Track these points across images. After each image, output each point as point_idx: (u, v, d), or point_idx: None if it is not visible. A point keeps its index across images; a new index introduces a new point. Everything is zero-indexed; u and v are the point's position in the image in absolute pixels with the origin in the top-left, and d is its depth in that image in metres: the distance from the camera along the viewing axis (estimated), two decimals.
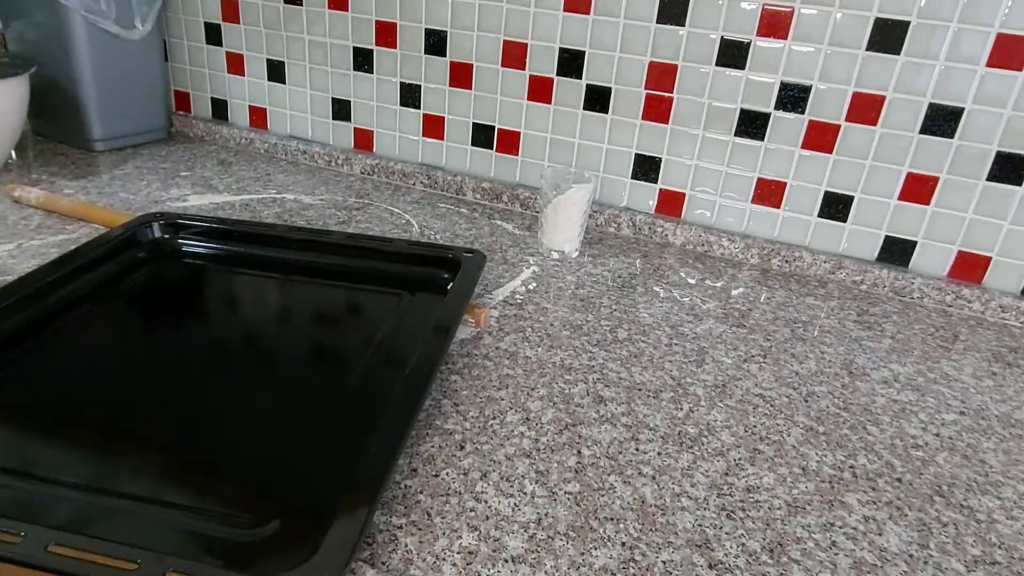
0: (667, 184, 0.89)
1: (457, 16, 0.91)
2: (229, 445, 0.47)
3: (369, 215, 0.87)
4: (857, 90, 0.77)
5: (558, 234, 0.79)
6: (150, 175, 0.93)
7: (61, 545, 0.35)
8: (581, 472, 0.48)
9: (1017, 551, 0.45)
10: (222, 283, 0.68)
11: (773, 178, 0.84)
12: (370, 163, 1.01)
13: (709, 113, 0.83)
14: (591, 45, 0.86)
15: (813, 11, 0.75)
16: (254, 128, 1.10)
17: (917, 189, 0.78)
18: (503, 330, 0.64)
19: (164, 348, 0.57)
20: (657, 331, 0.67)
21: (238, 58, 1.07)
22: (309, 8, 0.98)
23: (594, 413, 0.54)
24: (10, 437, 0.46)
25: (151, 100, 1.05)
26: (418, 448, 0.48)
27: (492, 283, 0.73)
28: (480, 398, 0.54)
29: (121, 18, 0.95)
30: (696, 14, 0.80)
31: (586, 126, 0.90)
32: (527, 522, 0.43)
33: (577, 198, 0.77)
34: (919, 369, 0.66)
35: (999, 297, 0.77)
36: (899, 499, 0.48)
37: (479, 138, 0.96)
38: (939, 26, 0.72)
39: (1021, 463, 0.54)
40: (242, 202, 0.88)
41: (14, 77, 0.83)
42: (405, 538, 0.41)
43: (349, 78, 1.00)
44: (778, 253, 0.84)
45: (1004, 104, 0.72)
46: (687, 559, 0.42)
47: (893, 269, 0.81)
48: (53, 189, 0.85)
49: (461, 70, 0.93)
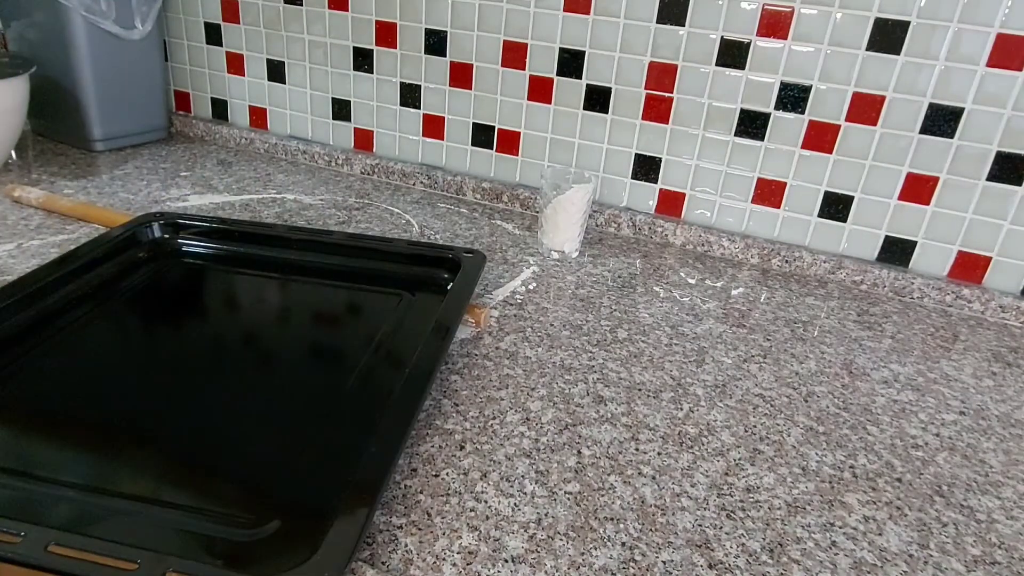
0: (667, 184, 0.89)
1: (457, 16, 0.91)
2: (229, 445, 0.47)
3: (369, 215, 0.88)
4: (857, 90, 0.77)
5: (558, 234, 0.79)
6: (150, 175, 0.93)
7: (61, 545, 0.35)
8: (581, 472, 0.48)
9: (1017, 551, 0.45)
10: (222, 283, 0.68)
11: (773, 178, 0.84)
12: (370, 163, 1.01)
13: (709, 113, 0.83)
14: (591, 45, 0.86)
15: (813, 11, 0.75)
16: (254, 128, 1.10)
17: (917, 189, 0.78)
18: (503, 330, 0.64)
19: (164, 348, 0.57)
20: (657, 331, 0.67)
21: (238, 58, 1.07)
22: (309, 8, 0.98)
23: (594, 413, 0.54)
24: (10, 437, 0.46)
25: (151, 100, 1.05)
26: (418, 448, 0.48)
27: (492, 283, 0.73)
28: (480, 398, 0.54)
29: (121, 18, 0.95)
30: (696, 14, 0.80)
31: (586, 126, 0.90)
32: (527, 522, 0.43)
33: (577, 198, 0.77)
34: (919, 369, 0.66)
35: (999, 297, 0.77)
36: (899, 499, 0.48)
37: (479, 138, 0.96)
38: (939, 26, 0.72)
39: (1021, 463, 0.54)
40: (242, 202, 0.88)
41: (14, 77, 0.83)
42: (405, 538, 0.41)
43: (349, 78, 1.00)
44: (778, 253, 0.84)
45: (1004, 104, 0.72)
46: (687, 559, 0.42)
47: (893, 269, 0.81)
48: (53, 189, 0.85)
49: (461, 70, 0.93)
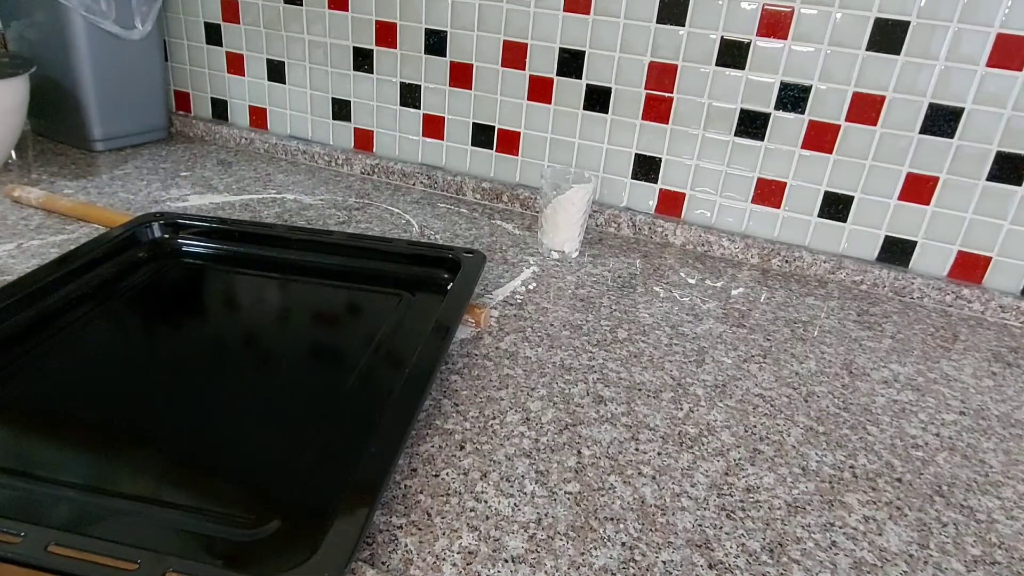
0: (667, 184, 0.89)
1: (457, 16, 0.91)
2: (229, 445, 0.47)
3: (369, 215, 0.88)
4: (857, 90, 0.77)
5: (558, 234, 0.79)
6: (150, 175, 0.93)
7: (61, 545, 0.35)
8: (581, 472, 0.48)
9: (1017, 551, 0.45)
10: (222, 283, 0.68)
11: (773, 178, 0.84)
12: (370, 163, 1.01)
13: (709, 113, 0.83)
14: (591, 45, 0.86)
15: (813, 11, 0.75)
16: (254, 128, 1.10)
17: (917, 189, 0.78)
18: (503, 330, 0.64)
19: (164, 348, 0.57)
20: (657, 331, 0.67)
21: (238, 58, 1.07)
22: (309, 8, 0.98)
23: (594, 413, 0.54)
24: (10, 437, 0.46)
25: (151, 100, 1.05)
26: (418, 448, 0.48)
27: (492, 283, 0.73)
28: (480, 398, 0.54)
29: (121, 18, 0.95)
30: (696, 14, 0.80)
31: (586, 126, 0.90)
32: (527, 522, 0.43)
33: (577, 198, 0.77)
34: (919, 369, 0.66)
35: (999, 297, 0.77)
36: (899, 499, 0.48)
37: (479, 138, 0.96)
38: (939, 26, 0.72)
39: (1021, 463, 0.54)
40: (242, 202, 0.88)
41: (14, 77, 0.83)
42: (405, 538, 0.41)
43: (349, 78, 1.00)
44: (778, 253, 0.84)
45: (1004, 104, 0.72)
46: (687, 559, 0.42)
47: (893, 269, 0.81)
48: (53, 189, 0.85)
49: (461, 70, 0.93)
